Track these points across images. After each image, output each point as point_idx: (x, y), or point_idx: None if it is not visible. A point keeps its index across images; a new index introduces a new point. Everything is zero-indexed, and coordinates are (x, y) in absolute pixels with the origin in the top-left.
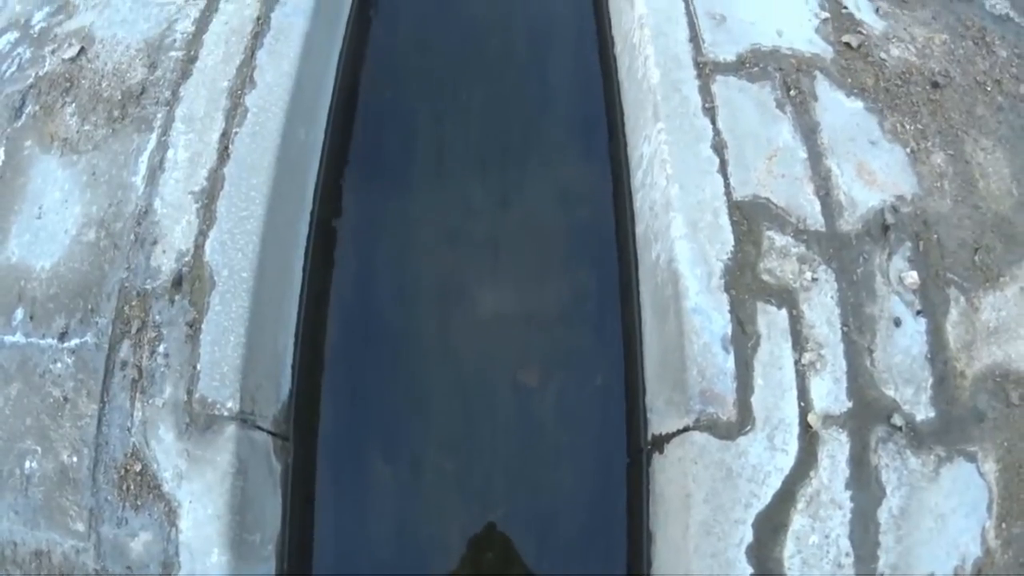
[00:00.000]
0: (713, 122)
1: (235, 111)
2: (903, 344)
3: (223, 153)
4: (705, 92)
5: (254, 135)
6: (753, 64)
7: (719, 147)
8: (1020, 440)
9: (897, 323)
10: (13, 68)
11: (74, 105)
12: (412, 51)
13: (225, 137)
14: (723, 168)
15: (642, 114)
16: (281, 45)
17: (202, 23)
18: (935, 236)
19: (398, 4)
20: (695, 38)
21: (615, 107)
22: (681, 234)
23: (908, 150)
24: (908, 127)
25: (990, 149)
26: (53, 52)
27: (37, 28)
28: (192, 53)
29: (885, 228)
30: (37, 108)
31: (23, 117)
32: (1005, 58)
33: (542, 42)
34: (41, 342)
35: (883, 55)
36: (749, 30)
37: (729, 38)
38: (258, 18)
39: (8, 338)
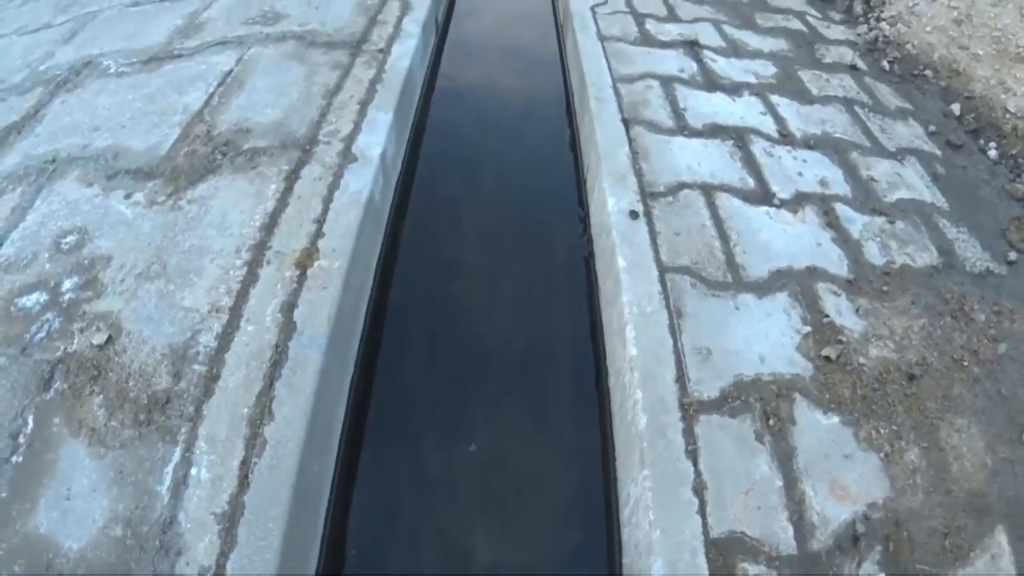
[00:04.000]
0: (695, 464)
1: (254, 440)
2: None
3: (243, 481)
4: (688, 434)
5: (272, 468)
6: (735, 398)
7: (699, 489)
8: None
9: None
10: (43, 334)
11: (101, 396)
12: (419, 382)
13: (245, 465)
14: (702, 509)
15: (630, 457)
16: (298, 379)
17: (224, 339)
18: (905, 534)
19: (406, 333)
20: (681, 377)
21: (608, 437)
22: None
23: (882, 454)
24: (883, 431)
25: (965, 427)
26: (82, 331)
27: (66, 299)
28: (215, 371)
29: (856, 539)
30: (66, 387)
31: (52, 392)
32: (983, 321)
33: (542, 364)
34: None
35: (861, 359)
36: (733, 360)
37: (714, 373)
38: (276, 345)
39: None
